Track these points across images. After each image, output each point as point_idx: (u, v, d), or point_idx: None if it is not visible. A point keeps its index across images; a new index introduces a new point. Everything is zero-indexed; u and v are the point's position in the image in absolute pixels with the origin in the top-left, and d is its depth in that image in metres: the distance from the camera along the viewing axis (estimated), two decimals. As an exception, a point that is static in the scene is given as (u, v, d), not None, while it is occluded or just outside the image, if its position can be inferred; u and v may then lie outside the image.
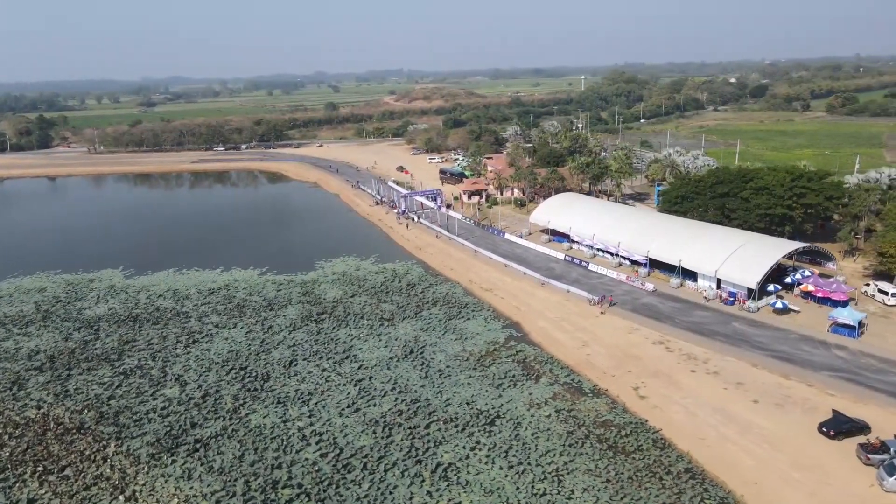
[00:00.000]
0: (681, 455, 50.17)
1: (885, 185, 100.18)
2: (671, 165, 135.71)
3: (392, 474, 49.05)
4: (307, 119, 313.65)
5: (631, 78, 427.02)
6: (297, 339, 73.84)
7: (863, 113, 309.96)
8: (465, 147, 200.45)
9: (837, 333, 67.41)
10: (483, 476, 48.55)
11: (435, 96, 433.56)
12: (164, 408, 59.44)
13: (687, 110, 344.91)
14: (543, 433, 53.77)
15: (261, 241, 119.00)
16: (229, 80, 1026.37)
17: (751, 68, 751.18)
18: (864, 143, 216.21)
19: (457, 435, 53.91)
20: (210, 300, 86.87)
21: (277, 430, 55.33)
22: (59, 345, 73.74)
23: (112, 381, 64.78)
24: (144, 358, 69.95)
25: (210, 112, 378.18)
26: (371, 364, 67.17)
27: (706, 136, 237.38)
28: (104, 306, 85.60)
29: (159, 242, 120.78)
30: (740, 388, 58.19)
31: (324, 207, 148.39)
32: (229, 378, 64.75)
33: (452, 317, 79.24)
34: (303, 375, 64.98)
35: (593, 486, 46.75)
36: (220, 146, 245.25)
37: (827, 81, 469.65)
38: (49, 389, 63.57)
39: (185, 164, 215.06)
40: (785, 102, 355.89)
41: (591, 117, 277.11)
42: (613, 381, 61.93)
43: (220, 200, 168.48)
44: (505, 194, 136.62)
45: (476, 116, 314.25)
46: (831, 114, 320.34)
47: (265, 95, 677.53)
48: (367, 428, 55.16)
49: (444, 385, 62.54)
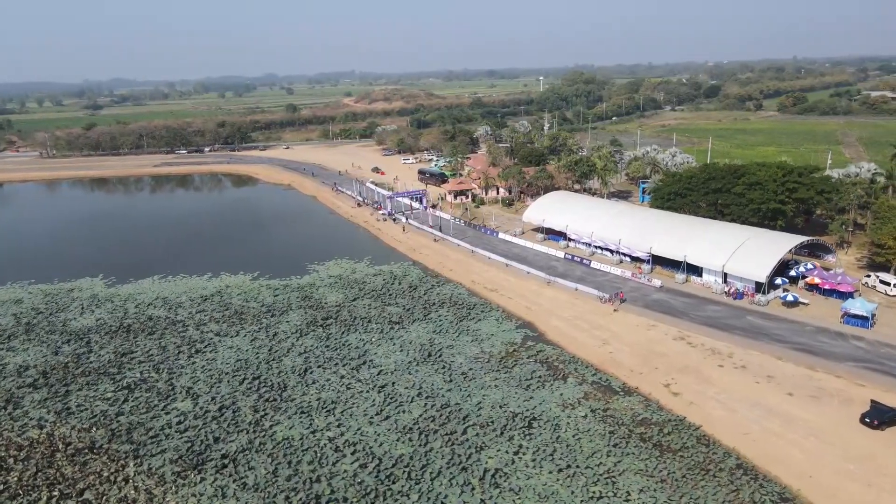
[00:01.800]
0: (727, 451, 49.65)
1: (867, 180, 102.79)
2: (652, 163, 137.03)
3: (439, 483, 47.08)
4: (269, 121, 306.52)
5: (590, 78, 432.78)
6: (306, 345, 70.93)
7: (812, 112, 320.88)
8: (438, 148, 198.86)
9: (850, 324, 68.41)
10: (533, 481, 47.03)
11: (395, 97, 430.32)
12: (180, 422, 55.98)
13: (646, 110, 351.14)
14: (584, 434, 52.61)
15: (245, 246, 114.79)
16: (176, 83, 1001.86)
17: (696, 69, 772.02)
18: (820, 141, 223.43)
19: (496, 439, 52.28)
20: (205, 307, 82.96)
21: (307, 441, 52.64)
22: (50, 359, 69.03)
23: (116, 396, 60.81)
24: (147, 370, 66.01)
25: (162, 115, 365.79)
26: (390, 369, 64.92)
27: (669, 134, 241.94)
28: (90, 317, 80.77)
29: (137, 249, 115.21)
30: (771, 381, 58.23)
31: (304, 210, 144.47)
32: (244, 389, 61.55)
33: (462, 318, 77.54)
34: (321, 383, 62.26)
35: (648, 487, 45.76)
36: (181, 149, 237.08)
37: (774, 82, 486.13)
38: (48, 407, 59.22)
39: (147, 168, 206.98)
40: (738, 102, 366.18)
41: (557, 117, 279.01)
42: (642, 378, 61.26)
43: (193, 204, 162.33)
44: (490, 194, 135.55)
45: (440, 117, 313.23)
46: (783, 113, 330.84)
47: (217, 97, 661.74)
48: (402, 436, 53.00)
49: (470, 388, 60.80)
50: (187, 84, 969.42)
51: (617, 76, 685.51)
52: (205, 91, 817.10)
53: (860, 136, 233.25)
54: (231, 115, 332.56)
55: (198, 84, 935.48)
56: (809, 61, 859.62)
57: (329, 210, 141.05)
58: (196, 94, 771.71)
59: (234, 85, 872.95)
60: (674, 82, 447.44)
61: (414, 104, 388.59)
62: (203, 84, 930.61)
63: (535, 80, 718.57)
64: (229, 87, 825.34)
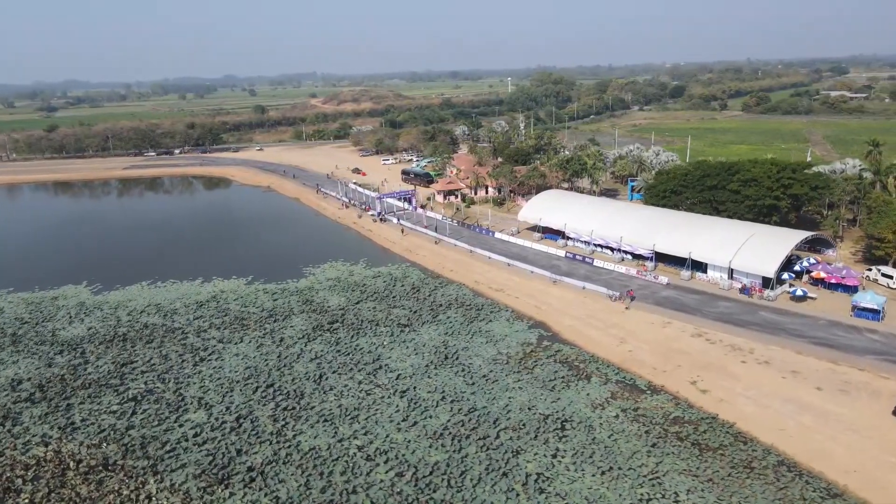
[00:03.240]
0: (766, 448, 49.20)
1: (856, 176, 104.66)
2: (639, 161, 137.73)
3: (482, 489, 45.51)
4: (237, 122, 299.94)
5: (558, 79, 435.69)
6: (316, 350, 68.54)
7: (775, 111, 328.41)
8: (417, 148, 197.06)
9: (861, 317, 69.04)
10: (577, 485, 45.80)
11: (364, 98, 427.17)
12: (197, 434, 53.19)
13: (616, 110, 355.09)
14: (620, 435, 51.65)
15: (234, 249, 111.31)
16: (132, 84, 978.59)
17: (655, 71, 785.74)
18: (788, 139, 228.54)
19: (531, 443, 50.92)
20: (202, 314, 79.74)
21: (335, 451, 50.46)
22: (44, 371, 65.25)
23: (123, 409, 57.61)
24: (151, 380, 62.81)
25: (122, 116, 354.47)
26: (408, 373, 63.04)
27: (642, 134, 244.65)
28: (81, 326, 76.85)
29: (121, 254, 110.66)
30: (797, 376, 58.20)
31: (289, 212, 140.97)
32: (258, 397, 58.95)
33: (473, 319, 76.06)
34: (339, 390, 60.03)
35: (695, 488, 44.94)
36: (150, 151, 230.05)
37: (735, 83, 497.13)
38: (50, 422, 55.76)
39: (116, 171, 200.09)
40: (704, 102, 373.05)
41: (531, 117, 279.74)
42: (666, 376, 60.68)
43: (171, 207, 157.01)
44: (479, 194, 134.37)
45: (413, 118, 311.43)
46: (747, 112, 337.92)
47: (178, 99, 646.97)
48: (434, 442, 51.25)
49: (493, 391, 59.35)
50: (144, 85, 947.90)
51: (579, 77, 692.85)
52: (164, 92, 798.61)
53: (825, 134, 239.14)
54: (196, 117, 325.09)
55: (155, 85, 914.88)
56: (763, 63, 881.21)
57: (315, 212, 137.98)
58: (155, 96, 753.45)
59: (194, 86, 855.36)
60: (640, 83, 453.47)
61: (383, 105, 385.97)
62: (161, 85, 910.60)
63: (500, 81, 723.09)
64: (188, 88, 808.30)
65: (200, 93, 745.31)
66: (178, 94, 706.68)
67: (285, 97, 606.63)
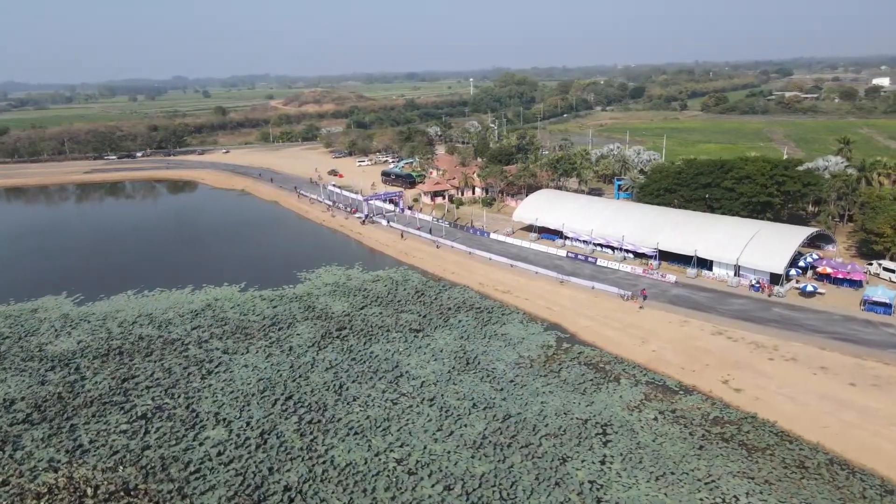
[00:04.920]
0: (813, 447, 48.69)
1: (844, 172, 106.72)
2: (622, 161, 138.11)
3: (536, 501, 43.64)
4: (199, 125, 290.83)
5: (521, 80, 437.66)
6: (329, 359, 65.57)
7: (733, 111, 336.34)
8: (392, 149, 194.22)
9: (872, 312, 69.78)
10: (633, 492, 44.35)
11: (326, 100, 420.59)
12: (221, 453, 49.85)
13: (580, 110, 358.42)
14: (664, 437, 50.46)
15: (220, 255, 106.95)
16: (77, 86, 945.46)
17: (608, 73, 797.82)
18: (752, 138, 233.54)
19: (575, 449, 49.30)
20: (200, 323, 75.76)
21: (373, 465, 47.88)
22: (38, 390, 60.64)
23: (133, 428, 53.74)
24: (159, 396, 58.94)
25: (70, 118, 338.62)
26: (431, 380, 60.75)
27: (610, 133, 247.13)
28: (69, 340, 72.01)
29: (97, 262, 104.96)
30: (827, 372, 58.12)
31: (270, 216, 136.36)
32: (278, 410, 55.83)
33: (485, 322, 74.18)
34: (363, 400, 57.35)
35: (754, 490, 43.96)
36: (111, 155, 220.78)
37: (690, 84, 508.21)
38: (55, 446, 51.57)
39: (77, 175, 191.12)
40: (664, 102, 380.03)
41: (500, 117, 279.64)
42: (696, 376, 59.91)
43: (144, 212, 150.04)
44: (465, 194, 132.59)
45: (379, 119, 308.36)
46: (707, 112, 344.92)
47: (128, 101, 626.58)
48: (476, 452, 49.14)
49: (523, 396, 57.56)
50: (90, 87, 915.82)
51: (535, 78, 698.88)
52: (111, 94, 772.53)
53: (786, 133, 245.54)
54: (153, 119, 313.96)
55: (102, 87, 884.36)
56: (711, 65, 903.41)
57: (297, 215, 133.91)
58: (103, 98, 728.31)
59: (143, 88, 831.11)
60: (601, 84, 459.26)
61: (347, 106, 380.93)
62: (108, 87, 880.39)
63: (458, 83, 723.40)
64: (138, 89, 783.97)
65: (151, 94, 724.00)
66: (128, 96, 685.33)
67: (241, 99, 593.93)
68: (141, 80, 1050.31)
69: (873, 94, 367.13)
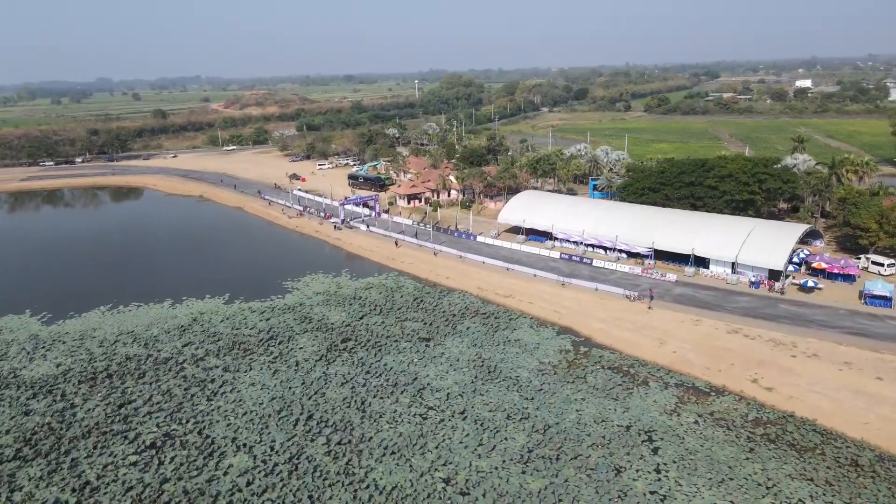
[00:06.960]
0: (860, 444, 48.62)
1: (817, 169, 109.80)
2: (594, 161, 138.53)
3: (603, 517, 41.71)
4: (139, 128, 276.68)
5: (468, 82, 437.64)
6: (341, 373, 61.94)
7: (675, 112, 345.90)
8: (352, 152, 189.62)
9: (873, 305, 71.27)
10: (698, 501, 42.96)
11: (268, 102, 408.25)
12: (250, 483, 45.78)
13: (528, 111, 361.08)
14: (711, 442, 49.43)
15: (195, 265, 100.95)
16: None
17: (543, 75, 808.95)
18: (701, 137, 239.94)
19: (626, 458, 47.67)
20: (190, 340, 70.57)
21: (419, 486, 44.92)
22: (23, 420, 54.75)
23: (144, 459, 48.90)
24: (164, 422, 54.07)
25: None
26: (455, 392, 58.09)
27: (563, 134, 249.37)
28: (46, 363, 65.68)
29: (56, 277, 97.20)
30: (852, 367, 58.59)
31: (238, 223, 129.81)
32: (301, 431, 52.01)
33: (494, 328, 71.96)
34: (390, 416, 54.15)
35: (818, 493, 43.27)
36: (47, 160, 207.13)
37: (629, 85, 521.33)
38: (58, 484, 46.27)
39: (12, 183, 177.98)
40: (609, 103, 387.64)
41: (453, 119, 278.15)
42: (723, 376, 59.38)
43: (95, 222, 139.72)
44: (442, 196, 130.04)
45: (329, 121, 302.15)
46: (650, 113, 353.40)
47: (51, 104, 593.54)
48: (525, 467, 46.83)
49: (555, 404, 55.63)
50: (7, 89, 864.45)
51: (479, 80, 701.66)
52: (31, 97, 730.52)
53: (730, 132, 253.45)
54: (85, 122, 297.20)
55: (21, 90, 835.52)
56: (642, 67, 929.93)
57: (267, 222, 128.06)
58: (23, 101, 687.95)
59: (66, 90, 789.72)
60: (546, 85, 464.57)
61: (291, 108, 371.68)
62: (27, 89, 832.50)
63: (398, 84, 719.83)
64: (60, 92, 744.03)
65: (76, 97, 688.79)
66: (51, 99, 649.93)
67: (174, 101, 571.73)
68: (61, 82, 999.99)
69: (802, 95, 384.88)
